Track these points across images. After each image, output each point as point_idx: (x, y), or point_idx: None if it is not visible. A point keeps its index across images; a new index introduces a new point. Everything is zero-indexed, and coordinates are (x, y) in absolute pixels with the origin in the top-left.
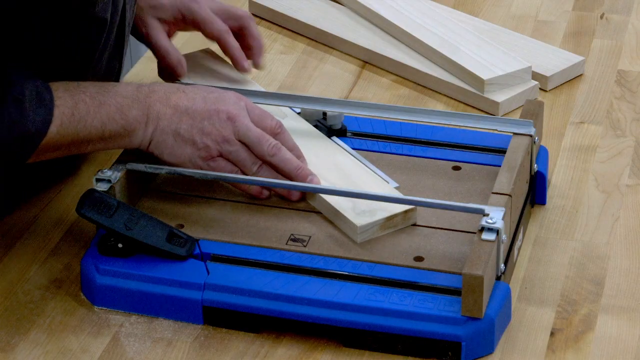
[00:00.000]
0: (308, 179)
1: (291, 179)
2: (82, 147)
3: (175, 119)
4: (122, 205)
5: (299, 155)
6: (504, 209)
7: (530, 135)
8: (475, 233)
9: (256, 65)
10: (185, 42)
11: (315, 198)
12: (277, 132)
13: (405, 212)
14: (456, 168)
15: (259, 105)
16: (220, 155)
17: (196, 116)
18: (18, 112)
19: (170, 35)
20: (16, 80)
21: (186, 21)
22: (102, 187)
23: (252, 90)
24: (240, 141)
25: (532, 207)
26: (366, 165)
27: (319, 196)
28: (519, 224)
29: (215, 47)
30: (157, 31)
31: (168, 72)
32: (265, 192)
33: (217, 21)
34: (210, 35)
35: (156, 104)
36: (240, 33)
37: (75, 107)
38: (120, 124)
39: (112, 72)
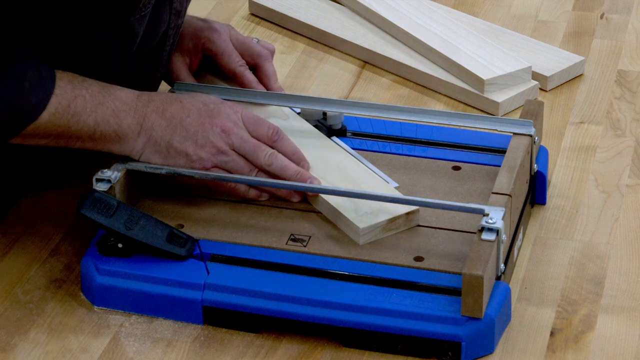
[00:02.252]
0: (307, 183)
1: None
2: (71, 142)
3: (169, 130)
4: (122, 205)
5: (300, 159)
6: (504, 209)
7: (530, 135)
8: (475, 233)
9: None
10: None
11: (316, 200)
12: (275, 139)
13: (408, 214)
14: (456, 168)
15: (260, 106)
16: (216, 166)
17: (190, 128)
18: (15, 88)
19: (193, 67)
20: (22, 60)
21: (205, 51)
22: (102, 187)
23: (252, 91)
24: (235, 152)
25: (532, 207)
26: (366, 166)
27: (320, 198)
28: (519, 224)
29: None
30: (180, 66)
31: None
32: (264, 197)
33: (234, 55)
34: (226, 68)
35: (152, 115)
36: (256, 70)
37: (74, 101)
38: (113, 128)
39: (132, 80)
